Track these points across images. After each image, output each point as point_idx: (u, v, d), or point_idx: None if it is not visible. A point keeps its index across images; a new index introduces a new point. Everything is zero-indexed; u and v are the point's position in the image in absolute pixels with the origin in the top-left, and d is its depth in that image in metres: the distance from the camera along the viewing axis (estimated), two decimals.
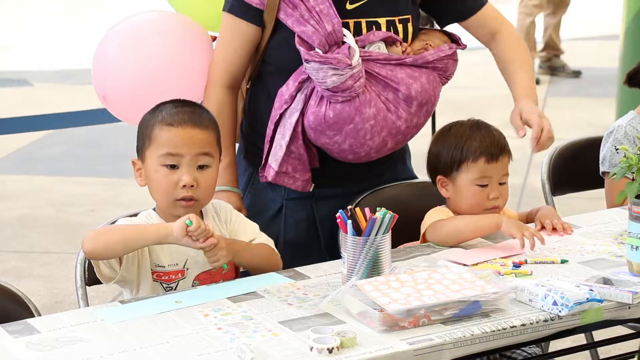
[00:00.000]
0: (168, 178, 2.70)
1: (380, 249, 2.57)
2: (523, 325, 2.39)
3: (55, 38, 11.90)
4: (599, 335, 3.00)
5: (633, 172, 2.62)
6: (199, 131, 2.73)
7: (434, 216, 2.96)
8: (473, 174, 2.95)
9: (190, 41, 3.24)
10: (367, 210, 2.60)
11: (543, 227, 2.98)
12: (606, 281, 2.56)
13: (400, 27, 3.09)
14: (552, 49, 9.49)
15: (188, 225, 2.54)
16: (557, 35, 9.43)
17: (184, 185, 2.69)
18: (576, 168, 3.70)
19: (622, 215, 3.03)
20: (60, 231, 5.90)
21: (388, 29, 3.07)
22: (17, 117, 4.88)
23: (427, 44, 3.14)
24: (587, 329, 2.51)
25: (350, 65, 2.94)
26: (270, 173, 3.08)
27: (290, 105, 3.03)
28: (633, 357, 2.72)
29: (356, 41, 3.01)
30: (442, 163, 3.00)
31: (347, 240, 2.57)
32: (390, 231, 2.58)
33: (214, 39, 3.23)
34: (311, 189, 3.14)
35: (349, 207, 2.61)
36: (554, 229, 2.97)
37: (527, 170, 6.56)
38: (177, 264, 2.73)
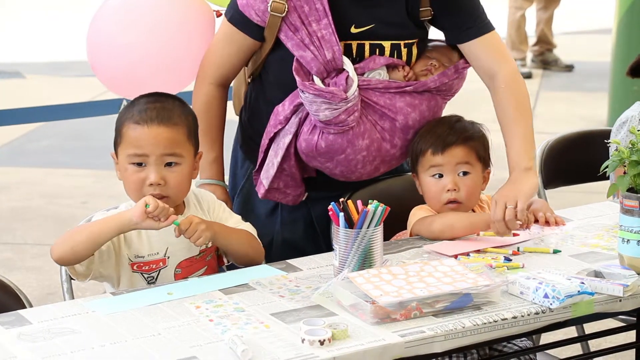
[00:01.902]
0: (136, 176, 2.70)
1: (372, 241, 2.57)
2: (514, 317, 2.39)
3: (48, 30, 11.88)
4: (590, 328, 3.01)
5: (625, 166, 2.62)
6: (165, 129, 2.70)
7: (419, 214, 2.96)
8: (424, 166, 2.99)
9: (190, 20, 3.19)
10: (359, 202, 2.60)
11: (536, 221, 2.98)
12: (597, 274, 2.56)
13: (404, 51, 3.03)
14: (545, 43, 9.50)
15: (147, 208, 2.56)
16: (549, 29, 9.44)
17: (151, 184, 2.68)
18: (568, 161, 3.70)
19: (613, 208, 3.03)
20: (51, 223, 5.89)
21: (392, 53, 3.01)
22: (8, 109, 4.86)
23: (431, 64, 3.06)
24: (578, 321, 2.52)
25: (345, 99, 2.90)
26: (260, 190, 3.07)
27: (285, 126, 3.01)
28: (624, 349, 2.73)
29: (356, 69, 2.96)
30: (410, 162, 3.05)
31: (339, 233, 2.57)
32: (382, 224, 2.58)
33: (219, 14, 3.19)
34: (304, 198, 3.13)
35: (341, 199, 2.61)
36: (547, 223, 2.97)
37: None
38: (157, 253, 2.72)
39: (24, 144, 7.57)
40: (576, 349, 3.59)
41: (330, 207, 2.59)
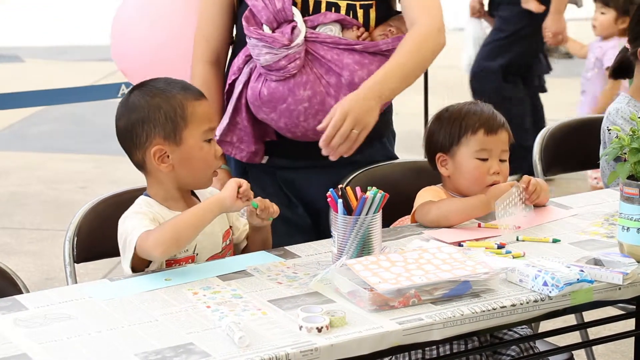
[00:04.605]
0: (210, 152, 2.70)
1: (371, 228, 2.55)
2: (513, 305, 2.38)
3: (48, 14, 11.85)
4: (589, 316, 3.01)
5: (625, 153, 2.61)
6: (208, 102, 2.76)
7: (425, 196, 2.95)
8: (473, 146, 2.94)
9: None
10: (357, 189, 2.59)
11: (536, 206, 2.97)
12: (597, 262, 2.55)
13: (360, 12, 3.05)
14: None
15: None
16: None
17: (219, 156, 2.73)
18: (568, 149, 3.69)
19: (613, 196, 3.02)
20: (50, 208, 5.89)
21: (347, 13, 3.03)
22: (7, 93, 4.86)
23: (389, 30, 3.06)
24: (577, 309, 2.51)
25: (286, 45, 2.94)
26: None
27: (238, 76, 3.07)
28: (623, 337, 2.72)
29: (306, 21, 2.99)
30: (441, 140, 2.99)
31: (338, 220, 2.56)
32: (380, 210, 2.57)
33: None
34: (263, 161, 3.15)
35: (339, 186, 2.60)
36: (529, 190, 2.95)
37: None
38: (187, 250, 2.69)
39: (23, 129, 7.57)
40: (575, 337, 3.60)
41: (328, 193, 2.58)
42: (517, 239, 2.76)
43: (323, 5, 3.03)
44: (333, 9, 3.03)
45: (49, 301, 2.41)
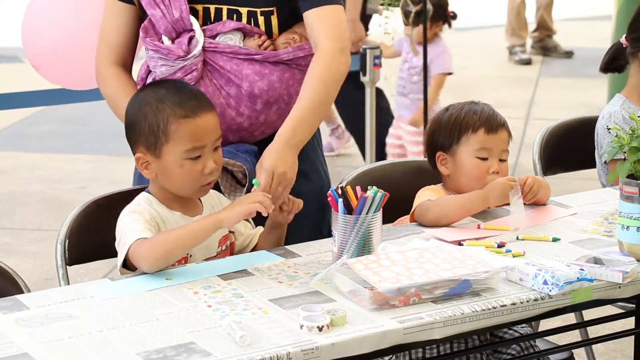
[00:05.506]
0: (194, 169, 2.66)
1: (371, 227, 2.56)
2: (513, 304, 2.39)
3: None
4: (588, 314, 3.01)
5: (624, 152, 2.61)
6: (212, 114, 2.69)
7: (424, 195, 2.95)
8: (473, 145, 2.95)
9: None
10: (358, 188, 2.59)
11: (534, 203, 2.98)
12: (597, 261, 2.56)
13: (261, 19, 2.95)
14: (545, 29, 9.49)
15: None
16: (549, 15, 9.43)
17: (210, 172, 2.67)
18: (568, 148, 3.70)
19: (613, 195, 3.03)
20: (50, 208, 5.89)
21: (249, 21, 2.95)
22: (7, 93, 4.85)
23: (293, 37, 2.96)
24: (577, 308, 2.51)
25: (182, 57, 2.88)
26: None
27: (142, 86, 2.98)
28: (623, 336, 2.73)
29: (205, 30, 2.91)
30: (441, 139, 3.00)
31: (338, 219, 2.56)
32: (381, 210, 2.58)
33: None
34: None
35: (340, 185, 2.60)
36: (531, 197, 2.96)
37: (519, 150, 6.56)
38: None
39: (22, 129, 7.56)
40: (575, 336, 3.60)
41: (329, 193, 2.58)
42: (517, 238, 2.76)
43: (224, 12, 2.94)
44: (235, 16, 2.94)
45: (50, 301, 2.41)
